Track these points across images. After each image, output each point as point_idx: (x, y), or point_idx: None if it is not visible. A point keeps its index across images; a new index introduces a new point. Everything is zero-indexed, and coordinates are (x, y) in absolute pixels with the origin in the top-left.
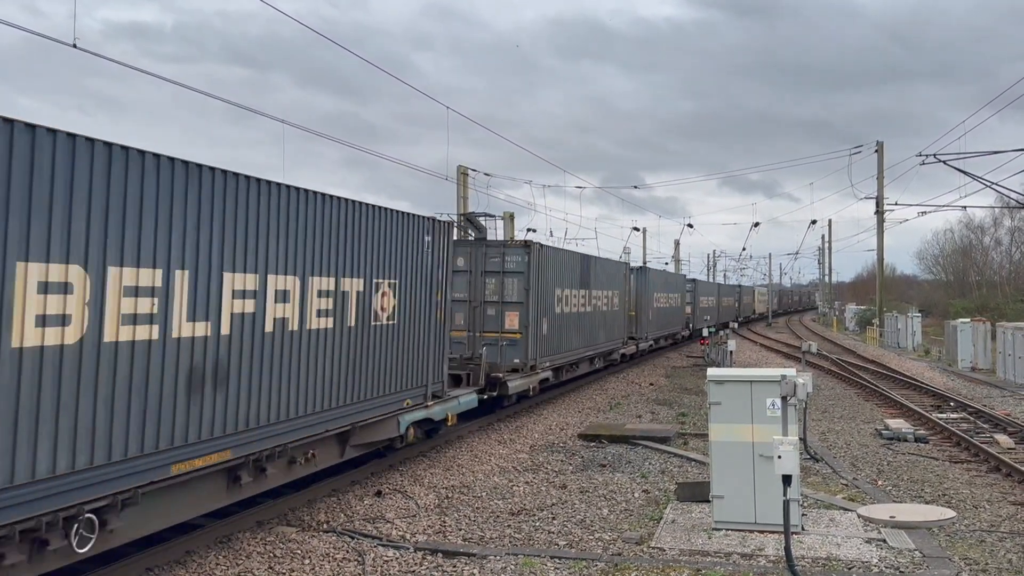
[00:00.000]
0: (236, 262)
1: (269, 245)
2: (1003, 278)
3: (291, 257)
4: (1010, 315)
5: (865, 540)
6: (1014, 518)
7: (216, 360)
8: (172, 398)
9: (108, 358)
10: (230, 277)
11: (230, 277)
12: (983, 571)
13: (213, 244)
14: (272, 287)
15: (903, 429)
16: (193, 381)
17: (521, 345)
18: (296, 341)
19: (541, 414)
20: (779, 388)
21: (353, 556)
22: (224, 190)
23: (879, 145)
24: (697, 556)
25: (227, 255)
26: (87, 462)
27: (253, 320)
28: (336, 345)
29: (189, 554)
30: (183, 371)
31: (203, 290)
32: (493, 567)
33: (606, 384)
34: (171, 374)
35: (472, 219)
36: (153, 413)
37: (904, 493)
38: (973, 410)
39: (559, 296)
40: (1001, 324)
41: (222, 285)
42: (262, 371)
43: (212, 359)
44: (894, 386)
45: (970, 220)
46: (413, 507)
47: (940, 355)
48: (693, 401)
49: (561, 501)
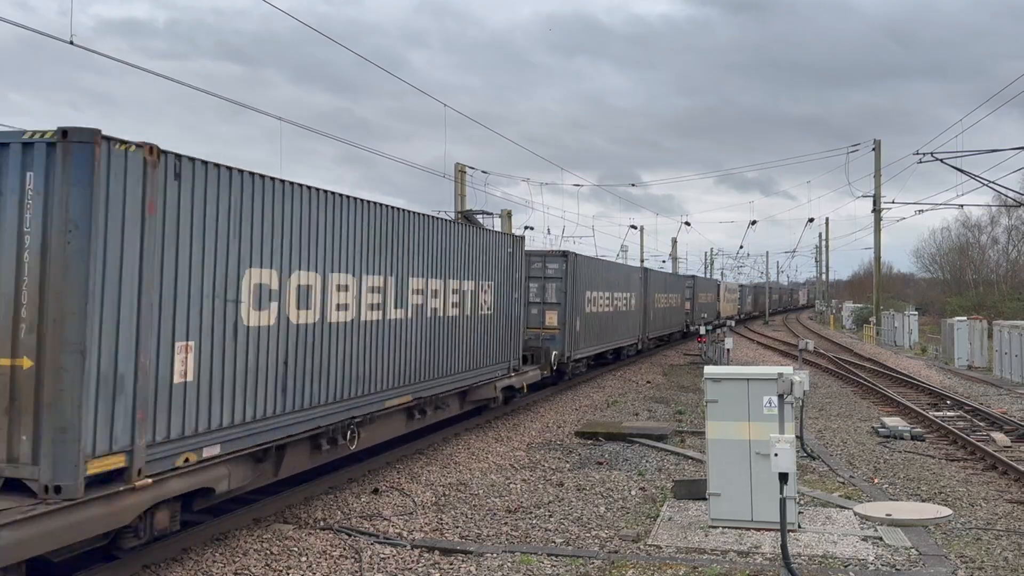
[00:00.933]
0: (413, 271)
1: (431, 260)
2: (1000, 276)
3: (438, 267)
4: (1007, 313)
5: (861, 538)
6: (1010, 516)
7: (406, 335)
8: (386, 358)
9: (363, 331)
10: (411, 281)
11: (411, 281)
12: (979, 569)
13: (403, 261)
14: (430, 287)
15: (900, 427)
16: (398, 347)
17: (559, 339)
18: (440, 324)
19: (538, 412)
20: (776, 386)
21: (350, 553)
22: (424, 230)
23: (876, 143)
24: (694, 554)
25: (410, 267)
26: (356, 392)
27: (420, 309)
28: (461, 328)
29: (186, 551)
30: (393, 341)
31: (400, 290)
32: (490, 564)
33: (604, 382)
34: (388, 343)
35: (469, 217)
36: (377, 366)
37: (900, 491)
38: (970, 408)
39: (588, 297)
40: (998, 322)
41: (408, 286)
42: (424, 343)
43: (404, 334)
44: (891, 384)
45: (967, 218)
46: (410, 504)
47: (937, 353)
48: (690, 399)
49: (558, 499)
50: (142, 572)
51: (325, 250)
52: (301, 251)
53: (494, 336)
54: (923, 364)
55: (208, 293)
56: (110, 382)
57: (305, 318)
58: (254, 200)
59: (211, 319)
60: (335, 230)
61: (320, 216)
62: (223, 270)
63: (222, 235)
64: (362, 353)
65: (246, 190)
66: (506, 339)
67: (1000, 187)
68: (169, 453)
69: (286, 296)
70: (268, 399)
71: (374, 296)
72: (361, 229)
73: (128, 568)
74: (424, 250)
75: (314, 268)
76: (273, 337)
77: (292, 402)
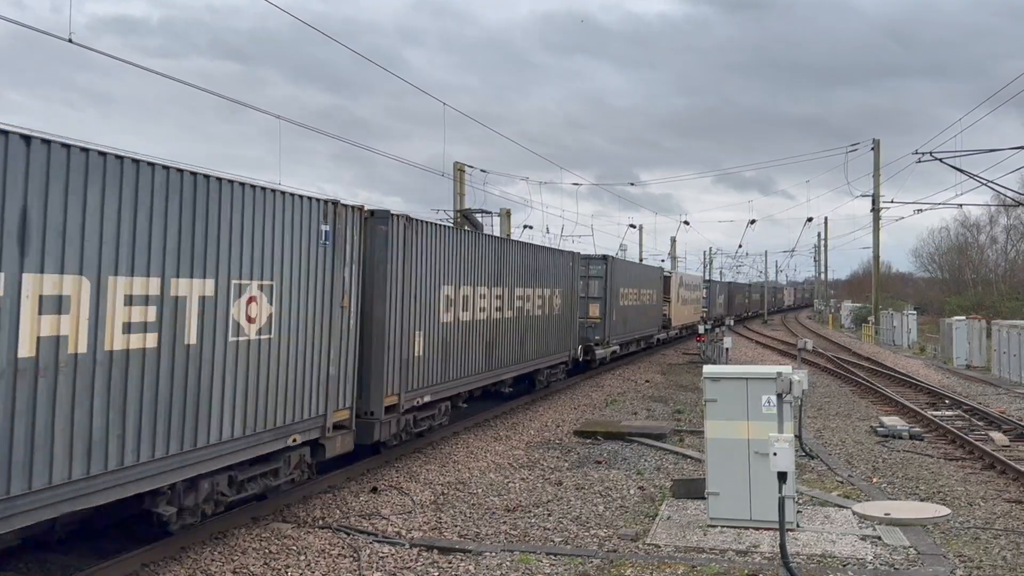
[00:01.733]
0: (483, 281)
1: (527, 274)
2: (999, 276)
3: (531, 278)
4: (1005, 313)
5: (860, 537)
6: (1008, 515)
7: (491, 332)
8: (484, 348)
9: (495, 325)
10: (479, 290)
11: (479, 290)
12: (977, 568)
13: (475, 273)
14: (506, 295)
15: (898, 426)
16: (489, 342)
17: (600, 327)
18: (530, 320)
19: (537, 411)
20: (775, 385)
21: (349, 552)
22: (520, 252)
23: (875, 143)
24: (692, 553)
25: (482, 278)
26: (463, 374)
27: (500, 311)
28: (541, 323)
29: (184, 550)
30: (482, 338)
31: (469, 297)
32: (488, 563)
33: (602, 381)
34: (509, 333)
35: (469, 216)
36: (472, 357)
37: (899, 490)
38: (968, 407)
39: (622, 294)
40: (996, 322)
41: (477, 293)
42: (526, 333)
43: (491, 332)
44: (889, 383)
45: (966, 218)
46: (409, 503)
47: (936, 353)
48: (689, 398)
49: (557, 498)
50: (141, 571)
51: (471, 270)
52: (465, 273)
53: (563, 327)
54: (922, 363)
55: (425, 300)
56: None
57: (465, 316)
58: (440, 243)
59: (428, 317)
60: (481, 256)
61: (474, 249)
62: (433, 286)
63: (432, 265)
64: (495, 339)
65: (433, 235)
66: (570, 329)
67: (999, 187)
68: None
69: (459, 301)
70: (451, 368)
71: (496, 301)
72: (491, 255)
73: (128, 567)
74: (521, 267)
75: (469, 283)
76: (456, 328)
77: (464, 370)
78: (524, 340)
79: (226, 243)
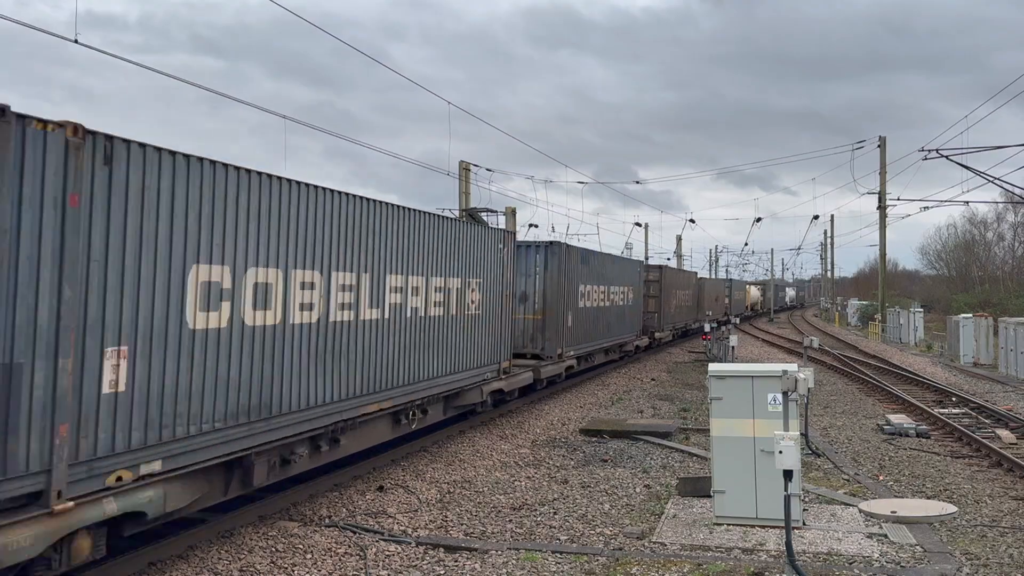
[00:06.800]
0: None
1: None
2: (1006, 273)
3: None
4: (1012, 310)
5: (866, 535)
6: (1015, 513)
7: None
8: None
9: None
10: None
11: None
12: (984, 566)
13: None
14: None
15: (905, 424)
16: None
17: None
18: (603, 312)
19: (543, 409)
20: (780, 383)
21: (355, 550)
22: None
23: (881, 140)
24: (698, 551)
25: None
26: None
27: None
28: (610, 313)
29: (191, 549)
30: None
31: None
32: (495, 561)
33: (607, 379)
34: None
35: (474, 215)
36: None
37: (905, 488)
38: (975, 405)
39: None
40: (1003, 319)
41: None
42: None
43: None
44: (896, 381)
45: (973, 215)
46: (415, 502)
47: (942, 350)
48: (695, 396)
49: (562, 496)
50: (148, 569)
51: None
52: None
53: (630, 318)
54: (928, 361)
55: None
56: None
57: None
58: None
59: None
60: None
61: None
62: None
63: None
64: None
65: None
66: (635, 318)
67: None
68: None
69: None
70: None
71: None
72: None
73: (135, 564)
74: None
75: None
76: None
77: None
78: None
79: (465, 258)
